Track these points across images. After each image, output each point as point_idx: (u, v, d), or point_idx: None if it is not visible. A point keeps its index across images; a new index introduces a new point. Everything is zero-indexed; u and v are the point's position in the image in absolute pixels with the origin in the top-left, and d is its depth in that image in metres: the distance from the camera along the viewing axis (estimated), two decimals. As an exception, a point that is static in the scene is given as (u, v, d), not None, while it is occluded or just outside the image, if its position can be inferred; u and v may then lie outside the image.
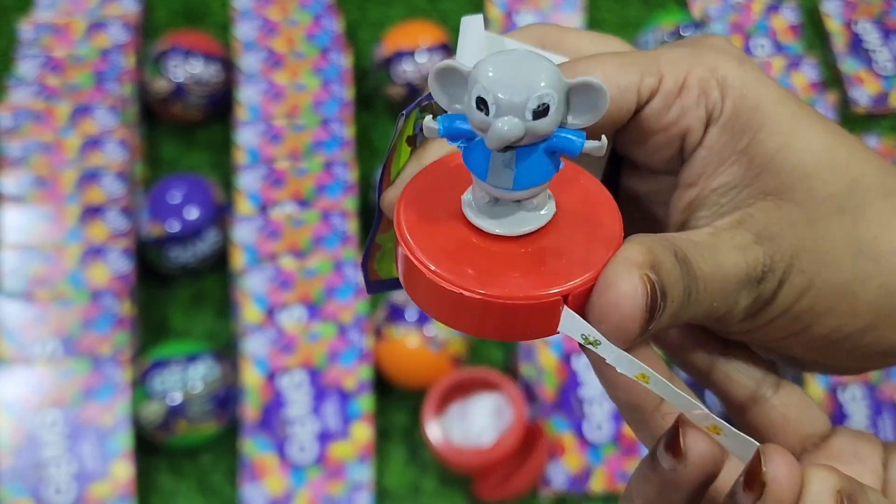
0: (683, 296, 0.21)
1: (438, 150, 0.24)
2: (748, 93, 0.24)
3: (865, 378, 0.70)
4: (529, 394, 0.71)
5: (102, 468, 0.67)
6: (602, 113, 0.20)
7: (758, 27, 0.88)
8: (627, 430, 0.70)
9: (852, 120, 0.86)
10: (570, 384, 0.70)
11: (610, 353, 0.21)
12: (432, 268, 0.21)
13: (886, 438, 0.69)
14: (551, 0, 0.89)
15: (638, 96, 0.24)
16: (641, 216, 0.27)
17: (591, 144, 0.20)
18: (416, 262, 0.21)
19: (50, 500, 0.66)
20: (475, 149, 0.21)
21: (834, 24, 0.89)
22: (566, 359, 0.71)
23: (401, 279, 0.22)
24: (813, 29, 0.91)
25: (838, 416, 0.69)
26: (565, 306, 0.21)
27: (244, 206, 0.75)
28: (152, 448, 0.70)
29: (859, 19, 0.89)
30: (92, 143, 0.77)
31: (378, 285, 0.27)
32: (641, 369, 0.21)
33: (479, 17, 0.23)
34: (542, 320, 0.21)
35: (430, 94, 0.23)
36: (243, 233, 0.74)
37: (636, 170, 0.27)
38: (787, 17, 0.88)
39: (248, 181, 0.76)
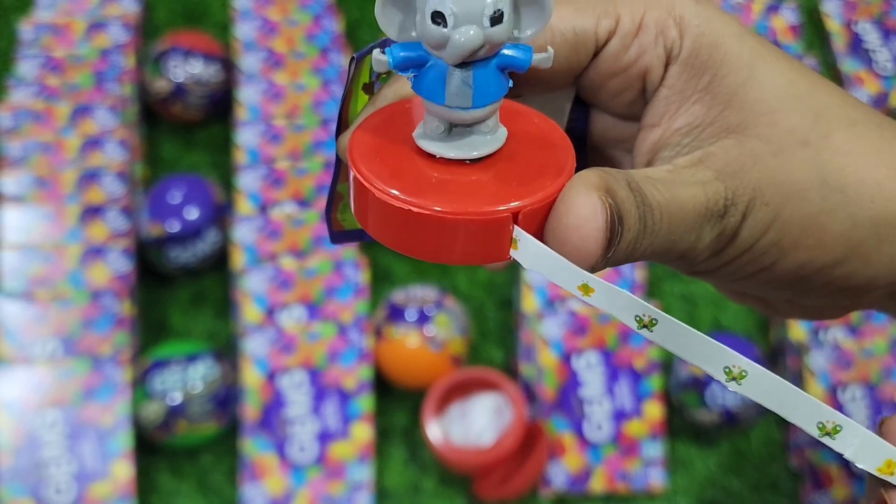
0: (639, 224, 0.21)
1: (394, 95, 0.24)
2: (707, 30, 0.24)
3: (865, 378, 0.70)
4: (529, 394, 0.71)
5: (102, 468, 0.67)
6: (548, 18, 0.20)
7: (758, 27, 0.88)
8: (627, 430, 0.70)
9: (852, 120, 0.86)
10: (570, 384, 0.70)
11: (565, 274, 0.20)
12: (380, 186, 0.21)
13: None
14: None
15: (595, 38, 0.24)
16: (610, 166, 0.27)
17: (538, 57, 0.20)
18: (364, 183, 0.21)
19: (50, 500, 0.66)
20: (428, 73, 0.21)
21: (834, 24, 0.89)
22: (566, 359, 0.71)
23: (352, 207, 0.22)
24: (813, 29, 0.91)
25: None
26: (516, 225, 0.20)
27: (244, 206, 0.75)
28: (152, 448, 0.70)
29: (859, 19, 0.89)
30: (92, 143, 0.77)
31: (342, 236, 0.27)
32: (585, 279, 0.20)
33: None
34: (494, 240, 0.21)
35: (384, 39, 0.23)
36: (243, 233, 0.74)
37: (602, 119, 0.27)
38: (787, 17, 0.88)
39: (248, 181, 0.76)
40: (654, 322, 0.20)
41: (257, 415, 0.69)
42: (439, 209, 0.20)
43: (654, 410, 0.70)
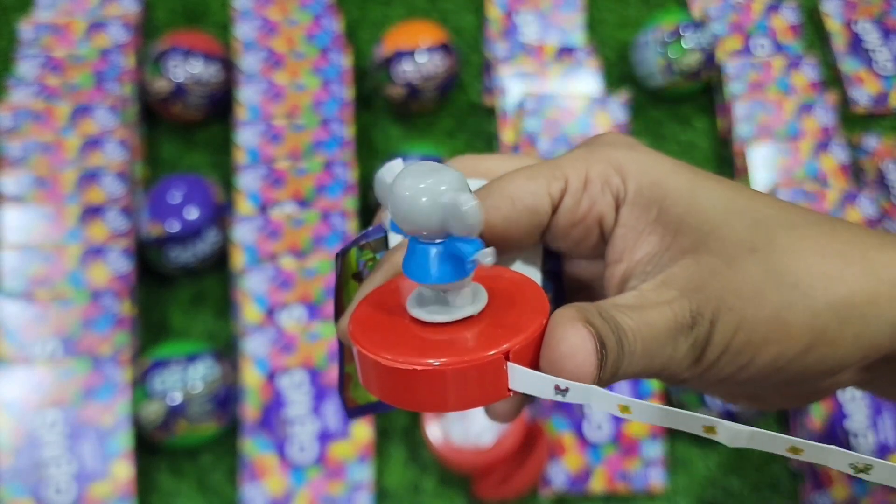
0: (617, 347, 0.24)
1: (383, 277, 0.28)
2: (645, 171, 0.27)
3: (865, 378, 0.70)
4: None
5: (102, 468, 0.67)
6: (474, 226, 0.23)
7: (758, 27, 0.88)
8: (627, 429, 0.70)
9: (852, 120, 0.86)
10: (570, 384, 0.70)
11: (580, 392, 0.23)
12: (383, 354, 0.23)
13: (886, 439, 0.69)
14: (551, 0, 0.89)
15: (550, 199, 0.27)
16: (588, 300, 0.30)
17: (480, 254, 0.23)
18: (370, 355, 0.23)
19: (50, 500, 0.66)
20: (409, 251, 0.24)
21: (834, 24, 0.89)
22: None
23: (361, 379, 0.25)
24: (813, 29, 0.91)
25: (838, 416, 0.69)
26: (509, 362, 0.23)
27: (244, 206, 0.75)
28: (152, 448, 0.70)
29: (859, 19, 0.89)
30: (92, 143, 0.77)
31: (356, 411, 0.30)
32: (620, 401, 0.23)
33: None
34: (492, 380, 0.23)
35: (366, 233, 0.28)
36: (243, 233, 0.74)
37: (574, 263, 0.30)
38: (787, 17, 0.88)
39: (248, 181, 0.76)
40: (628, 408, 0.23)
41: (257, 415, 0.69)
42: (438, 363, 0.23)
43: (654, 410, 0.70)
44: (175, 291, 0.78)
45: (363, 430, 0.69)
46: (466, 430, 0.68)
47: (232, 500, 0.70)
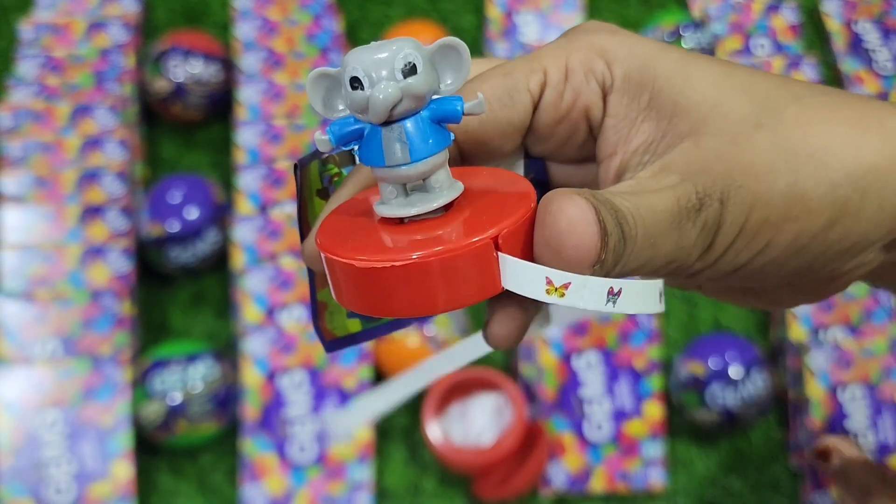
0: (617, 230, 0.21)
1: (351, 190, 0.25)
2: (631, 54, 0.25)
3: (865, 378, 0.70)
4: (529, 394, 0.71)
5: (102, 468, 0.67)
6: (467, 68, 0.21)
7: (758, 27, 0.88)
8: (628, 429, 0.70)
9: (852, 120, 0.86)
10: (570, 384, 0.70)
11: (579, 289, 0.20)
12: (357, 257, 0.21)
13: (886, 439, 0.69)
14: (551, 0, 0.89)
15: (530, 94, 0.25)
16: None
17: (470, 104, 0.21)
18: (341, 259, 0.21)
19: (50, 500, 0.66)
20: (367, 142, 0.21)
21: (834, 24, 0.89)
22: (566, 359, 0.71)
23: (334, 293, 0.22)
24: (813, 29, 0.91)
25: (838, 416, 0.69)
26: (500, 253, 0.21)
27: (244, 206, 0.75)
28: (152, 448, 0.70)
29: (859, 19, 0.89)
30: (92, 143, 0.77)
31: (335, 344, 0.27)
32: (614, 283, 0.21)
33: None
34: (481, 272, 0.21)
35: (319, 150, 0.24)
36: (243, 233, 0.74)
37: (560, 170, 0.28)
38: (787, 17, 0.88)
39: (248, 181, 0.76)
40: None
41: (257, 415, 0.69)
42: (419, 255, 0.20)
43: (654, 410, 0.70)
44: (175, 291, 0.78)
45: (363, 430, 0.69)
46: (466, 430, 0.68)
47: (232, 500, 0.70)
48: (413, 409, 0.72)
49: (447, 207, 0.22)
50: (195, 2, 0.91)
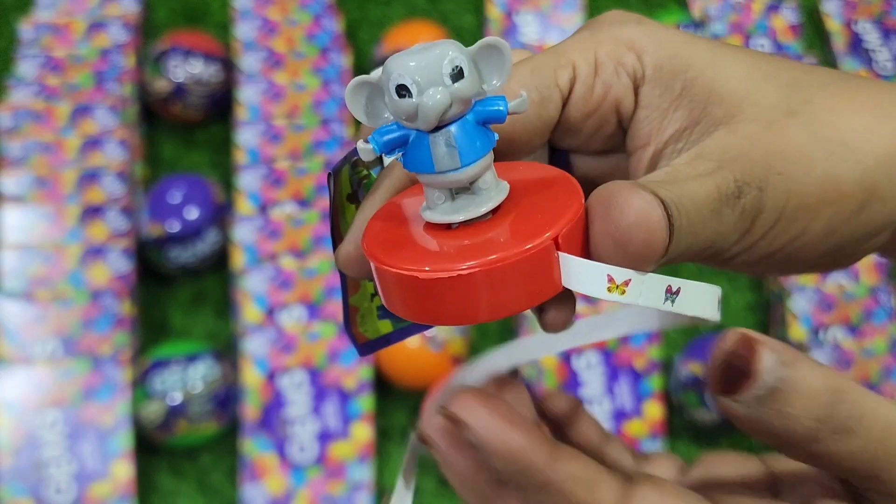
0: (667, 221, 0.21)
1: (384, 196, 0.24)
2: (660, 44, 0.25)
3: (865, 378, 0.70)
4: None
5: (102, 468, 0.67)
6: (510, 64, 0.21)
7: (758, 27, 0.88)
8: (628, 429, 0.70)
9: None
10: (570, 384, 0.70)
11: (638, 285, 0.20)
12: (415, 268, 0.20)
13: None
14: (551, 0, 0.89)
15: (559, 91, 0.24)
16: None
17: (513, 103, 0.21)
18: (397, 271, 0.20)
19: (50, 500, 0.66)
20: (413, 149, 0.21)
21: (834, 24, 0.89)
22: (566, 359, 0.71)
23: (385, 302, 0.22)
24: (813, 29, 0.91)
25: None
26: (560, 253, 0.20)
27: (244, 206, 0.75)
28: (152, 448, 0.70)
29: (859, 19, 0.89)
30: (92, 143, 0.77)
31: (367, 347, 0.26)
32: (672, 282, 0.20)
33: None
34: (543, 275, 0.20)
35: (353, 150, 0.23)
36: (243, 233, 0.74)
37: (582, 161, 0.27)
38: (787, 17, 0.88)
39: (248, 181, 0.76)
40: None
41: (257, 415, 0.69)
42: (481, 263, 0.20)
43: (654, 410, 0.70)
44: (175, 291, 0.78)
45: (363, 430, 0.69)
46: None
47: (232, 500, 0.70)
48: (413, 409, 0.72)
49: (495, 209, 0.22)
50: (195, 2, 0.91)
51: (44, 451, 0.67)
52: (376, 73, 0.21)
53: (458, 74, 0.20)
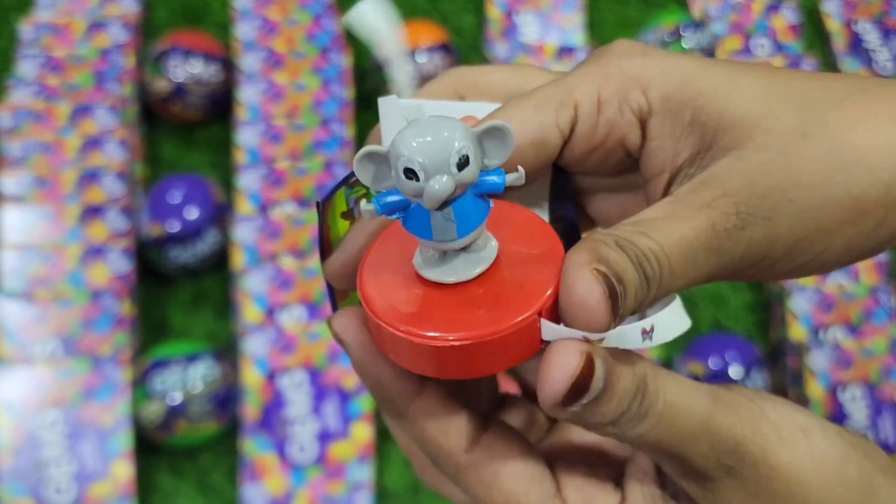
0: (637, 276, 0.22)
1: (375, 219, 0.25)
2: (668, 76, 0.25)
3: (865, 378, 0.70)
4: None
5: (102, 468, 0.67)
6: (511, 148, 0.22)
7: (758, 27, 0.88)
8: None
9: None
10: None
11: (614, 339, 0.22)
12: (413, 331, 0.22)
13: (886, 438, 0.69)
14: (551, 0, 0.89)
15: (560, 131, 0.25)
16: (605, 211, 0.28)
17: (511, 178, 0.22)
18: (395, 333, 0.22)
19: (50, 500, 0.66)
20: (413, 214, 0.22)
21: (834, 24, 0.89)
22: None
23: (379, 346, 0.23)
24: (813, 29, 0.91)
25: (838, 416, 0.69)
26: (542, 319, 0.22)
27: (244, 206, 0.75)
28: (152, 448, 0.70)
29: (859, 19, 0.89)
30: (92, 143, 0.77)
31: None
32: (644, 324, 0.22)
33: (392, 98, 0.24)
34: (528, 340, 0.22)
35: (346, 176, 0.25)
36: (243, 233, 0.74)
37: (587, 178, 0.28)
38: (787, 17, 0.88)
39: (248, 181, 0.76)
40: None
41: (257, 415, 0.69)
42: (474, 335, 0.21)
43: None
44: (175, 291, 0.78)
45: (363, 430, 0.69)
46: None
47: (232, 500, 0.70)
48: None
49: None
50: (195, 2, 0.91)
51: (44, 451, 0.67)
52: (386, 145, 0.22)
53: (463, 163, 0.21)
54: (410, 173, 0.21)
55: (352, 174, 0.25)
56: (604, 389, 0.21)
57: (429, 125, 0.21)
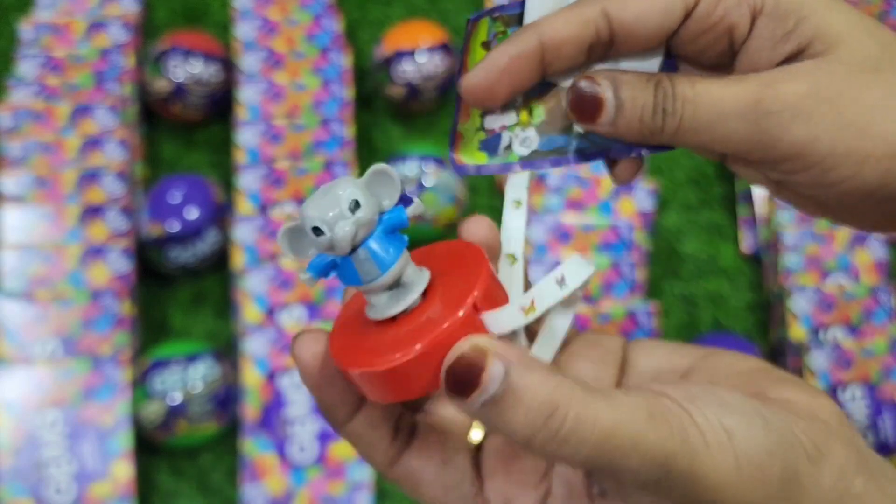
0: (653, 97, 0.26)
1: (517, 50, 0.28)
2: None
3: (865, 378, 0.70)
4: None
5: (102, 468, 0.67)
6: (398, 185, 0.25)
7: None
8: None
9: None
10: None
11: (540, 294, 0.25)
12: (375, 364, 0.24)
13: (886, 438, 0.69)
14: (551, 0, 0.89)
15: (683, 4, 0.28)
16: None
17: (410, 209, 0.25)
18: (367, 370, 0.25)
19: (50, 500, 0.66)
20: (342, 268, 0.25)
21: (834, 24, 0.89)
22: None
23: (362, 391, 0.26)
24: (813, 29, 0.91)
25: (838, 416, 0.69)
26: (480, 314, 0.25)
27: (244, 206, 0.75)
28: (152, 448, 0.70)
29: (859, 19, 0.89)
30: (92, 143, 0.77)
31: (462, 168, 0.31)
32: (555, 274, 0.25)
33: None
34: (475, 331, 0.25)
35: (502, 6, 0.29)
36: (243, 233, 0.74)
37: (689, 69, 0.30)
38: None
39: (248, 181, 0.76)
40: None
41: (257, 415, 0.69)
42: (421, 346, 0.24)
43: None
44: (175, 291, 0.78)
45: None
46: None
47: (232, 500, 0.70)
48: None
49: (424, 294, 0.26)
50: (195, 2, 0.91)
51: (44, 451, 0.67)
52: (299, 220, 0.25)
53: (355, 206, 0.24)
54: (318, 231, 0.24)
55: (499, 7, 0.29)
56: (505, 393, 0.22)
57: (321, 190, 0.25)
